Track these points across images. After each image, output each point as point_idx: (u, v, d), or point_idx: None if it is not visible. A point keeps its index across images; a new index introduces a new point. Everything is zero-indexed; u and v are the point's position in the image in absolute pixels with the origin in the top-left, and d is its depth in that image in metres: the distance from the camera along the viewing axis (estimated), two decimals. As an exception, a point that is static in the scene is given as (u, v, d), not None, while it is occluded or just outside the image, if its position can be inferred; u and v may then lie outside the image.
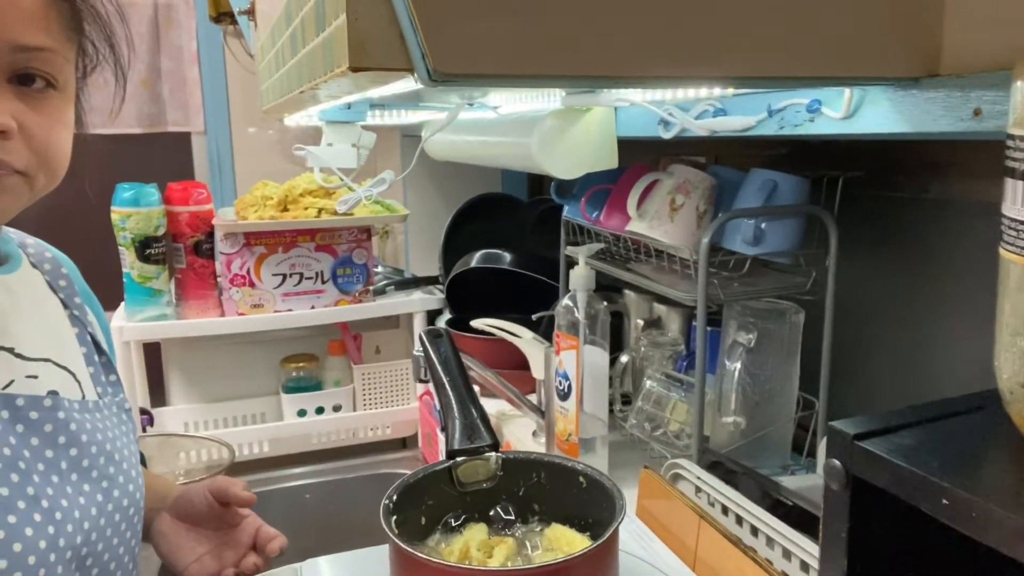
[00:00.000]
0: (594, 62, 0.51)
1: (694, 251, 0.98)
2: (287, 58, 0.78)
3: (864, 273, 1.02)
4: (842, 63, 0.57)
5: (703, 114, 0.91)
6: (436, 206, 2.04)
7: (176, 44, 2.25)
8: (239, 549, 0.87)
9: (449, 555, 0.80)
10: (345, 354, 1.68)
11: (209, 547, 0.86)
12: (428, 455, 1.52)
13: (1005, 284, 0.42)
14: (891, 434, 0.43)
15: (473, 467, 0.83)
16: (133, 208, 1.39)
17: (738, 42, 0.54)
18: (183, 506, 0.86)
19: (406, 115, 1.42)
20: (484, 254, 1.58)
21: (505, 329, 1.21)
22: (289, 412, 1.61)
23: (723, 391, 1.05)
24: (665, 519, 0.94)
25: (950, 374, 0.92)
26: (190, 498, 0.86)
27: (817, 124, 0.76)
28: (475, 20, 0.47)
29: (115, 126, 2.22)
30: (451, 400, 0.88)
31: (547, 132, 1.06)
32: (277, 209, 1.50)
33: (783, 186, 0.97)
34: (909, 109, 0.66)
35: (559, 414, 1.09)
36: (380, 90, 0.64)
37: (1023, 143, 0.40)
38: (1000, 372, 0.43)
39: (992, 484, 0.39)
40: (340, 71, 0.49)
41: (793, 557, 0.77)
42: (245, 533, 0.88)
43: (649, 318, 1.32)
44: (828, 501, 0.45)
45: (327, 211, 1.51)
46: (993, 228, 0.43)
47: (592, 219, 1.17)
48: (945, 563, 0.46)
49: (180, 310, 1.50)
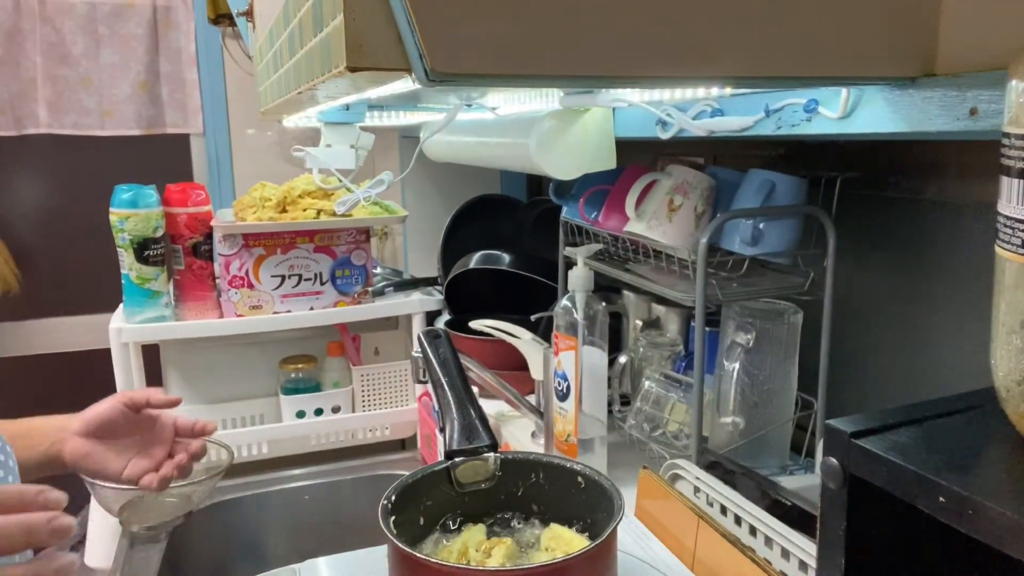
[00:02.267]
0: (592, 62, 0.51)
1: (692, 251, 0.99)
2: (285, 59, 0.78)
3: (862, 273, 1.02)
4: (839, 63, 0.57)
5: (701, 114, 0.91)
6: (435, 207, 2.04)
7: (175, 46, 2.25)
8: (165, 444, 0.93)
9: (448, 555, 0.80)
10: (344, 355, 1.68)
11: (135, 450, 0.92)
12: (427, 456, 1.52)
13: (1000, 282, 0.42)
14: (888, 432, 0.43)
15: (472, 468, 0.83)
16: (132, 210, 1.39)
17: (735, 42, 0.54)
18: (95, 425, 0.89)
19: (404, 116, 1.42)
20: (483, 255, 1.58)
21: (504, 330, 1.21)
22: (288, 413, 1.61)
23: (722, 391, 1.05)
24: (664, 519, 0.94)
25: (949, 374, 0.92)
26: (101, 416, 0.90)
27: (814, 124, 0.76)
28: (472, 20, 0.47)
29: (114, 128, 2.22)
30: (450, 401, 0.88)
31: (545, 133, 1.06)
32: (276, 210, 1.50)
33: (781, 186, 0.97)
34: (906, 109, 0.66)
35: (558, 415, 1.09)
36: (378, 90, 0.64)
37: (1019, 141, 0.40)
38: (996, 370, 0.43)
39: (989, 482, 0.39)
40: (338, 71, 0.49)
41: (792, 557, 0.77)
42: (165, 429, 0.93)
43: (648, 319, 1.33)
44: (825, 499, 0.45)
45: (326, 212, 1.50)
46: (990, 227, 0.43)
47: (591, 220, 1.18)
48: (942, 561, 0.46)
49: (179, 311, 1.50)
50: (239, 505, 1.49)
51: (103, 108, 2.22)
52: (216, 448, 1.43)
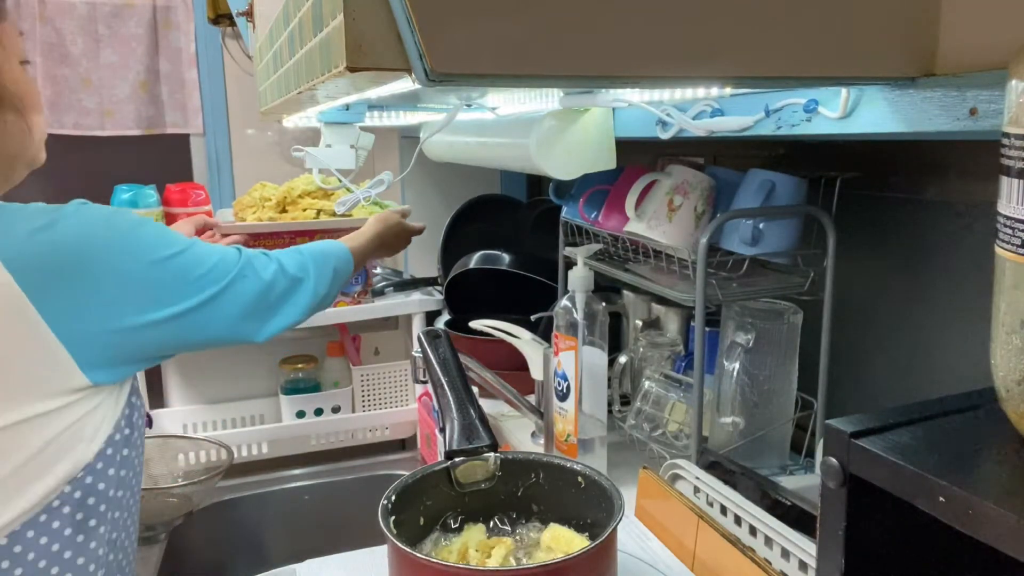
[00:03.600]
0: (592, 62, 0.51)
1: (692, 251, 0.99)
2: (285, 59, 0.78)
3: (862, 273, 1.02)
4: (839, 63, 0.57)
5: (701, 114, 0.91)
6: (435, 207, 2.04)
7: (174, 46, 2.25)
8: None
9: (448, 555, 0.80)
10: (344, 355, 1.68)
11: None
12: (427, 456, 1.52)
13: (1000, 281, 0.42)
14: (888, 432, 0.43)
15: (472, 468, 0.83)
16: (131, 209, 1.39)
17: (735, 42, 0.54)
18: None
19: (404, 116, 1.42)
20: (483, 255, 1.58)
21: (504, 330, 1.21)
22: (288, 413, 1.61)
23: (722, 391, 1.05)
24: (664, 519, 0.94)
25: (948, 374, 0.92)
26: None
27: (814, 124, 0.76)
28: (472, 20, 0.47)
29: (114, 128, 2.22)
30: (450, 401, 0.88)
31: (545, 133, 1.06)
32: (276, 210, 1.50)
33: (781, 186, 0.97)
34: (906, 109, 0.66)
35: (558, 415, 1.09)
36: (378, 90, 0.64)
37: (1018, 141, 0.40)
38: (996, 369, 0.43)
39: (988, 481, 0.39)
40: (338, 71, 0.49)
41: (792, 556, 0.77)
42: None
43: (648, 319, 1.33)
44: (825, 499, 0.45)
45: (326, 212, 1.51)
46: (990, 227, 0.43)
47: (591, 220, 1.18)
48: (942, 561, 0.46)
49: (179, 311, 1.50)
50: (239, 505, 1.49)
51: (103, 108, 2.22)
52: (216, 448, 1.44)
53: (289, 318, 0.94)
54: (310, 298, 0.97)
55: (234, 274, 0.87)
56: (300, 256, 0.98)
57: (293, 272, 0.95)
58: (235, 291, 0.87)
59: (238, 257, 0.90)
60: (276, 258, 0.95)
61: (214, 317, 0.85)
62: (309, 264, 0.98)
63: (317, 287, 0.98)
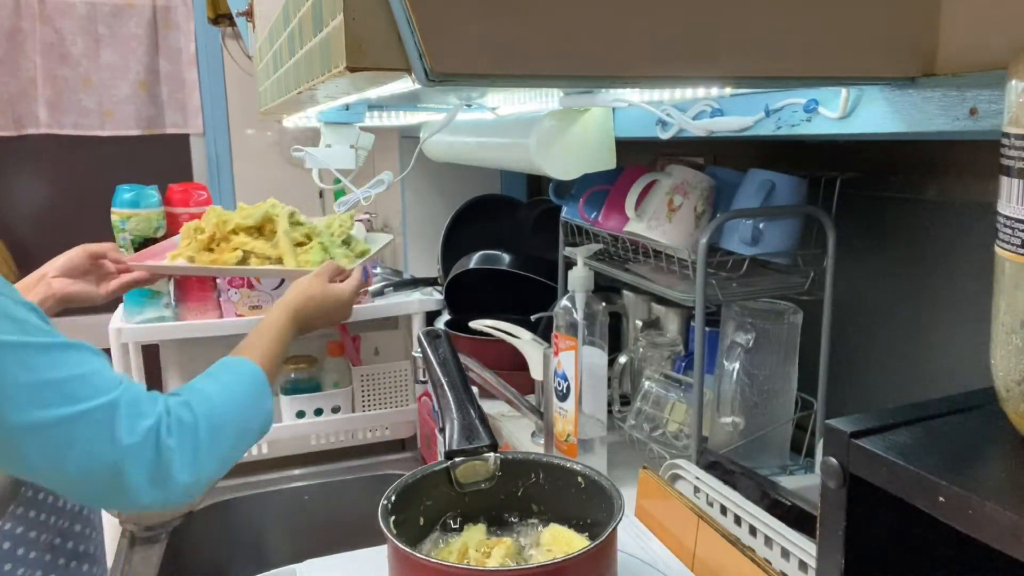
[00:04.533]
0: (591, 62, 0.51)
1: (692, 251, 0.99)
2: (285, 59, 0.78)
3: (862, 273, 1.02)
4: (839, 63, 0.57)
5: (701, 114, 0.91)
6: (435, 207, 2.04)
7: (174, 46, 2.25)
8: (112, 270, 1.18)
9: (448, 555, 0.80)
10: (344, 355, 1.68)
11: (95, 277, 1.15)
12: (427, 456, 1.52)
13: (1000, 281, 0.42)
14: (888, 432, 0.43)
15: (472, 467, 0.83)
16: (133, 210, 1.39)
17: (735, 42, 0.54)
18: (68, 267, 1.10)
19: (404, 116, 1.42)
20: (483, 255, 1.58)
21: (504, 330, 1.21)
22: (288, 413, 1.61)
23: (722, 391, 1.05)
24: (664, 519, 0.94)
25: (948, 374, 0.92)
26: (71, 259, 1.11)
27: (814, 124, 0.76)
28: (472, 20, 0.47)
29: (113, 128, 2.23)
30: (450, 401, 0.88)
31: (545, 133, 1.06)
32: (203, 247, 1.27)
33: (781, 186, 0.97)
34: (905, 109, 0.66)
35: (558, 415, 1.09)
36: (378, 90, 0.64)
37: (1018, 141, 0.40)
38: (996, 369, 0.43)
39: (988, 481, 0.39)
40: (338, 71, 0.49)
41: (792, 556, 0.77)
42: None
43: (648, 319, 1.33)
44: (825, 499, 0.45)
45: (257, 256, 1.25)
46: (990, 228, 0.43)
47: (590, 220, 1.18)
48: (942, 560, 0.46)
49: (179, 312, 1.50)
50: (239, 505, 1.49)
51: (103, 108, 2.22)
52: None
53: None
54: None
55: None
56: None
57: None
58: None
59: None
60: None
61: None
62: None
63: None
